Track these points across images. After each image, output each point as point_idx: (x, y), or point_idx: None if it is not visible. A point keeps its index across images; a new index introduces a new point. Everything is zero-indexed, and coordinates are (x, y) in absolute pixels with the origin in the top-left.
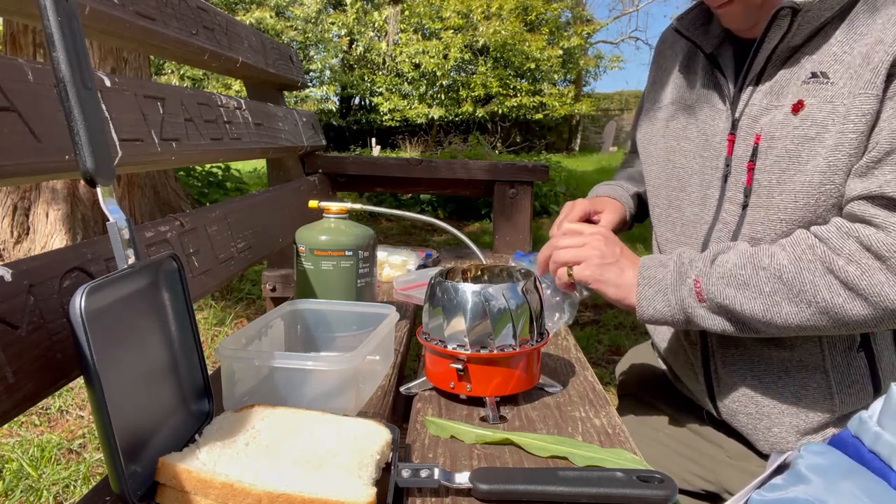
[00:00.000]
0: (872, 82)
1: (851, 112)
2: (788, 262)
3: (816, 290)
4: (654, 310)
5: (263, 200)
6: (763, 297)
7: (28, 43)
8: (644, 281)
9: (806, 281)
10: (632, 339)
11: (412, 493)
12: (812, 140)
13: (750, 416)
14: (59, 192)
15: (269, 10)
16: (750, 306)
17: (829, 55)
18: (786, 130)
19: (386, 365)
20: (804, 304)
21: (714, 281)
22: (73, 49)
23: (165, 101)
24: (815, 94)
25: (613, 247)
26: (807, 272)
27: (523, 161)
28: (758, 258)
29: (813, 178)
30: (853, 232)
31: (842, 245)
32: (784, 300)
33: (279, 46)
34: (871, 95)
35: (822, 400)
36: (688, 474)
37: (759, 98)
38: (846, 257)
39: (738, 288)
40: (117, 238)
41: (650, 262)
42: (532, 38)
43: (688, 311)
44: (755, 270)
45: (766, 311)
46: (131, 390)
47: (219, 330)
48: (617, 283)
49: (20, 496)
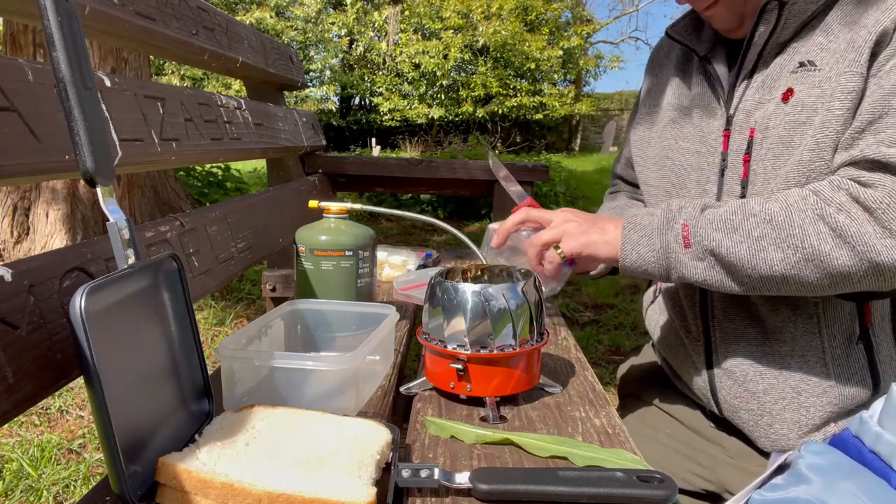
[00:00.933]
0: (856, 60)
1: (837, 90)
2: (780, 209)
3: (805, 234)
4: (636, 254)
5: (263, 200)
6: (750, 241)
7: (28, 43)
8: (629, 225)
9: (795, 225)
10: (632, 339)
11: (412, 493)
12: (803, 124)
13: (752, 412)
14: (59, 192)
15: (269, 10)
16: (736, 250)
17: (815, 45)
18: (778, 119)
19: (386, 365)
20: (791, 250)
21: (703, 224)
22: (73, 49)
23: (165, 101)
24: (803, 81)
25: (585, 215)
26: (797, 217)
27: (523, 161)
28: (749, 206)
29: (803, 157)
30: (843, 185)
31: (833, 196)
32: (771, 245)
33: (279, 46)
34: (856, 73)
35: (822, 394)
36: (688, 474)
37: (751, 93)
38: (836, 206)
39: (727, 232)
40: (117, 238)
41: (638, 211)
42: (532, 38)
43: (671, 256)
44: (745, 216)
45: (751, 257)
46: (131, 390)
47: (219, 330)
48: (604, 240)
49: (20, 496)
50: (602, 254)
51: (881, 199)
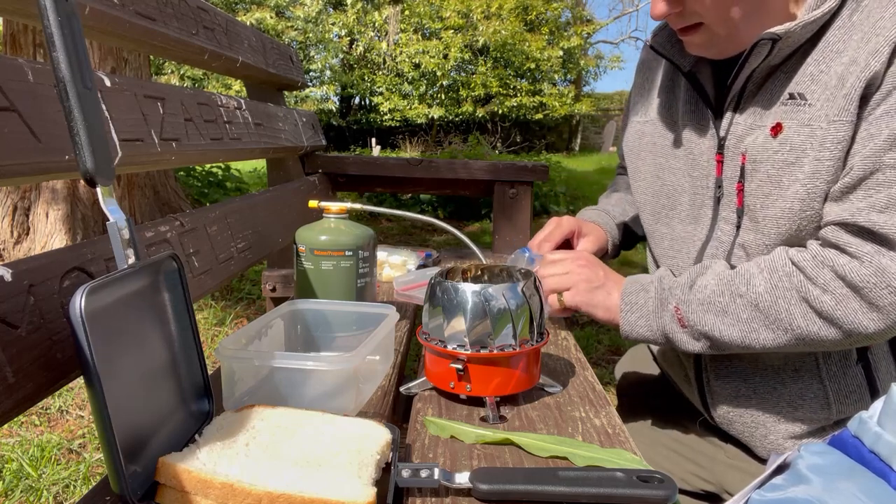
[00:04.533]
0: (847, 109)
1: (827, 139)
2: (764, 291)
3: (792, 318)
4: (637, 334)
5: (263, 200)
6: (741, 324)
7: (28, 43)
8: (627, 307)
9: (781, 309)
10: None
11: (412, 493)
12: (791, 165)
13: (746, 424)
14: (59, 192)
15: (269, 10)
16: (728, 333)
17: (806, 75)
18: (767, 154)
19: (386, 365)
20: (780, 331)
21: (694, 308)
22: (73, 49)
23: (165, 101)
24: (792, 116)
25: (597, 269)
26: (782, 300)
27: (523, 161)
28: (734, 285)
29: (793, 205)
30: (828, 261)
31: (817, 274)
32: (761, 327)
33: (279, 46)
34: (846, 122)
35: (819, 409)
36: (687, 474)
37: (742, 118)
38: (821, 287)
39: (717, 315)
40: (117, 238)
41: (632, 286)
42: (532, 38)
43: (669, 335)
44: (732, 298)
45: (744, 338)
46: (131, 390)
47: (219, 330)
48: (606, 305)
49: (20, 496)
50: (600, 316)
51: (868, 277)
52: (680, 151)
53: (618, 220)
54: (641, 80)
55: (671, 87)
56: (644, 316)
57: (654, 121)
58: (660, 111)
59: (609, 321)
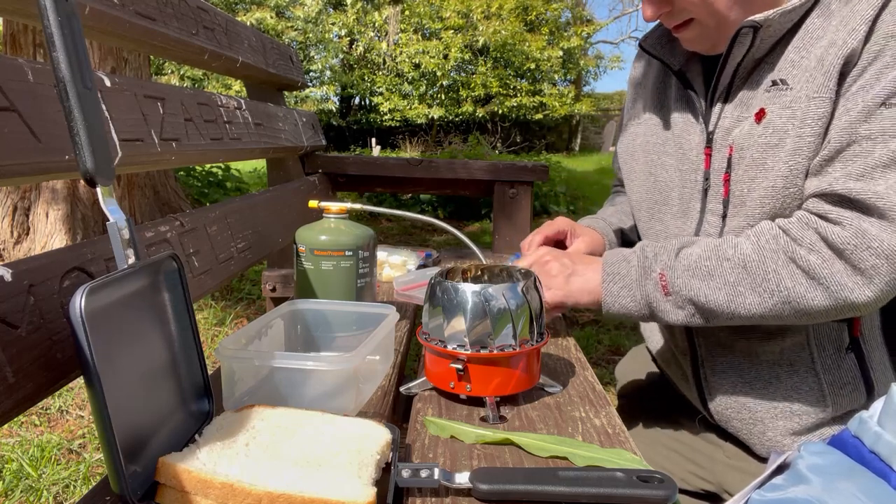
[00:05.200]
0: (826, 85)
1: (808, 116)
2: (752, 252)
3: (780, 278)
4: (619, 305)
5: (263, 200)
6: (728, 287)
7: (28, 43)
8: (608, 277)
9: (769, 270)
10: (632, 339)
11: (412, 493)
12: (775, 147)
13: (743, 421)
14: (59, 192)
15: (269, 10)
16: (714, 297)
17: (787, 62)
18: (752, 140)
19: (386, 365)
20: (767, 294)
21: (679, 273)
22: (73, 49)
23: (165, 101)
24: (775, 101)
25: (562, 259)
26: (770, 261)
27: (523, 161)
28: (722, 249)
29: (776, 184)
30: (812, 223)
31: (803, 235)
32: (748, 290)
33: (279, 46)
34: (826, 98)
35: (814, 403)
36: (687, 474)
37: (729, 111)
38: (807, 247)
39: (703, 279)
40: (117, 238)
41: (613, 257)
42: (532, 38)
43: (653, 305)
44: (719, 261)
45: (730, 302)
46: (131, 390)
47: (219, 330)
48: (586, 289)
49: (20, 496)
50: (584, 301)
51: (849, 239)
52: (671, 148)
53: (615, 226)
54: (635, 85)
55: (663, 88)
56: (627, 286)
57: (647, 121)
58: (652, 112)
59: (594, 304)
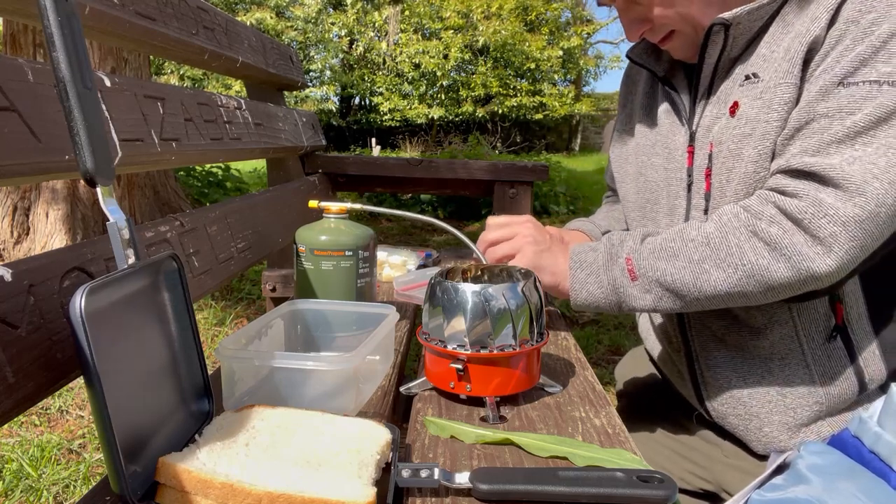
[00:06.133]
0: (790, 72)
1: (774, 101)
2: (714, 229)
3: (742, 252)
4: (587, 293)
5: (263, 200)
6: (692, 265)
7: (28, 43)
8: (575, 265)
9: (732, 244)
10: (632, 339)
11: (412, 493)
12: (748, 136)
13: (740, 417)
14: (59, 192)
15: (269, 10)
16: (680, 276)
17: (759, 57)
18: (728, 133)
19: (386, 365)
20: (731, 269)
21: (645, 256)
22: (73, 49)
23: (165, 101)
24: (747, 93)
25: (544, 233)
26: (732, 236)
27: (523, 161)
28: (686, 231)
29: (748, 168)
30: (770, 198)
31: (762, 210)
32: (712, 266)
33: (279, 46)
34: (791, 84)
35: (807, 394)
36: (686, 474)
37: (710, 109)
38: (767, 219)
39: (668, 260)
40: (117, 238)
41: (581, 247)
42: (532, 38)
43: (620, 290)
44: (684, 242)
45: (696, 279)
46: (131, 390)
47: (219, 330)
48: (552, 269)
49: (20, 496)
50: (546, 280)
51: (805, 208)
52: (659, 149)
53: (604, 229)
54: (626, 93)
55: (652, 93)
56: (594, 272)
57: (638, 126)
58: (642, 115)
59: (553, 286)
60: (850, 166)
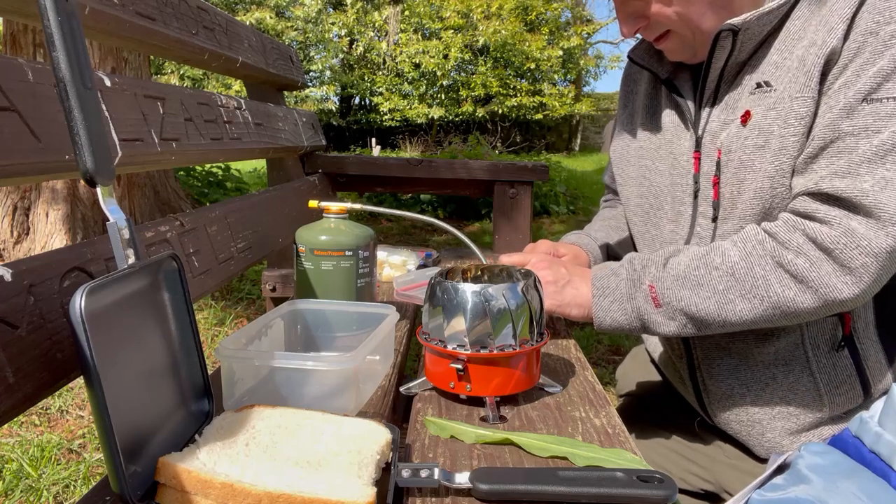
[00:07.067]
0: (808, 85)
1: (791, 116)
2: (739, 259)
3: (768, 284)
4: (611, 319)
5: (263, 200)
6: (717, 296)
7: (28, 43)
8: (598, 292)
9: (758, 275)
10: (632, 339)
11: (412, 493)
12: (761, 148)
13: (742, 423)
14: (59, 192)
15: (269, 10)
16: (705, 306)
17: (770, 64)
18: (738, 142)
19: (386, 365)
20: (757, 300)
21: (669, 284)
22: (73, 49)
23: (165, 101)
24: (759, 103)
25: (559, 268)
26: (758, 267)
27: (523, 161)
28: (709, 258)
29: (764, 184)
30: (799, 225)
31: (790, 238)
32: (737, 297)
33: (279, 46)
34: (808, 98)
35: (811, 402)
36: (687, 474)
37: (716, 115)
38: (794, 250)
39: (693, 289)
40: (117, 238)
41: (601, 272)
42: (532, 38)
43: (644, 317)
44: (708, 270)
45: (720, 310)
46: (131, 390)
47: (219, 330)
48: (578, 302)
49: (20, 496)
50: (574, 314)
51: (838, 238)
52: (664, 153)
53: (600, 241)
54: (626, 93)
55: (654, 95)
56: (617, 300)
57: (640, 128)
58: (644, 118)
59: (584, 318)
60: (882, 192)
